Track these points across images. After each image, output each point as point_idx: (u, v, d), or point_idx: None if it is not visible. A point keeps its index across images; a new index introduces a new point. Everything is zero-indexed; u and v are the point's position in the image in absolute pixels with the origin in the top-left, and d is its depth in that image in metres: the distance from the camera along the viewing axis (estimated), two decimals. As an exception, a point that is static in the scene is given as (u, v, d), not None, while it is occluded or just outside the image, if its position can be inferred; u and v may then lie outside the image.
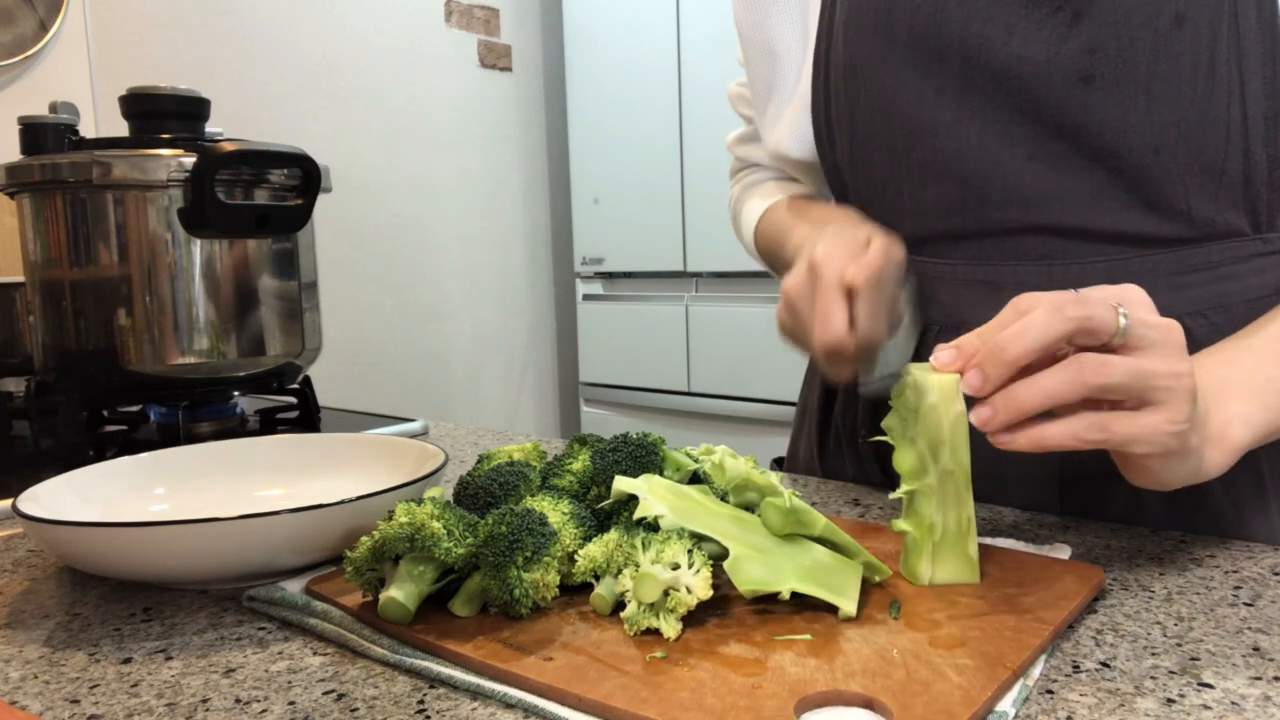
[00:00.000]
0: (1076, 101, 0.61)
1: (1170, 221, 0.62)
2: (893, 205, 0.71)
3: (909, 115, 0.67)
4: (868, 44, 0.68)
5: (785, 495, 0.49)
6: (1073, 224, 0.63)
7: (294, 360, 0.99)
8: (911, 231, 0.69)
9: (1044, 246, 0.64)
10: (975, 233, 0.67)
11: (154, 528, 0.49)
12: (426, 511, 0.47)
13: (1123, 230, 0.63)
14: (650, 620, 0.44)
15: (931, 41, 0.65)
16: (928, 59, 0.65)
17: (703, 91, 2.61)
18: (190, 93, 0.96)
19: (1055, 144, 0.63)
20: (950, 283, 0.68)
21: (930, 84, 0.65)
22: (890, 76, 0.67)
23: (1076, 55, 0.60)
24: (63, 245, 0.89)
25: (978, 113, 0.64)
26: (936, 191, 0.67)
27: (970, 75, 0.64)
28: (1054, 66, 0.61)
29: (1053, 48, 0.61)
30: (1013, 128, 0.63)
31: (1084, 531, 0.62)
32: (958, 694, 0.38)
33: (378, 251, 2.69)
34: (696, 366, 2.72)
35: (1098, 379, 0.45)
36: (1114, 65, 0.60)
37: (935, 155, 0.66)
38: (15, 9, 1.90)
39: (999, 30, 0.62)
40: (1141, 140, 0.61)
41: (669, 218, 2.73)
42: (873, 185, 0.72)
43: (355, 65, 2.59)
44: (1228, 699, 0.39)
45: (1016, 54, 0.62)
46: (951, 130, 0.65)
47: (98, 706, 0.42)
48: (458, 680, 0.42)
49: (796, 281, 0.62)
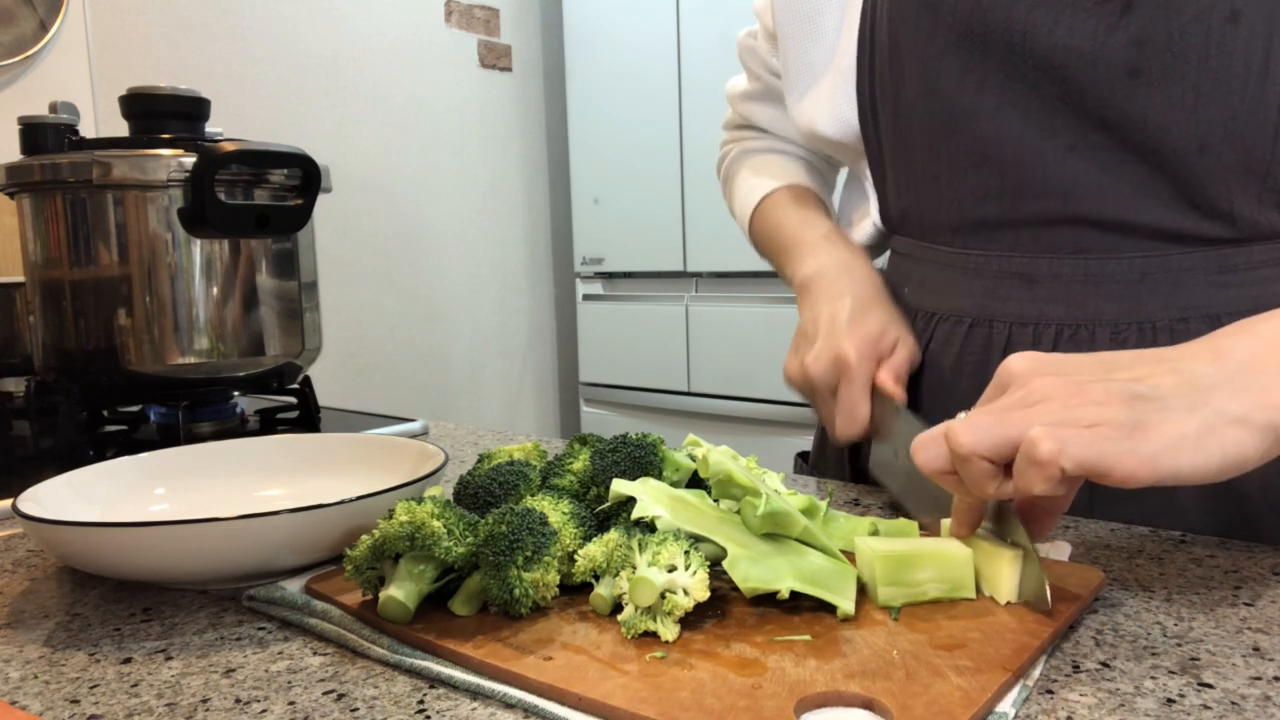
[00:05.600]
0: (1122, 95, 0.59)
1: (1211, 220, 0.60)
2: (930, 191, 0.70)
3: (950, 99, 0.66)
4: (911, 25, 0.67)
5: (764, 498, 0.49)
6: (1111, 218, 0.62)
7: (294, 360, 0.99)
8: (948, 219, 0.69)
9: (1081, 240, 0.63)
10: (1012, 222, 0.66)
11: (154, 528, 0.49)
12: (426, 510, 0.47)
13: (1162, 227, 0.61)
14: (647, 623, 0.44)
15: (975, 25, 0.63)
16: (971, 43, 0.64)
17: (703, 91, 2.61)
18: (190, 93, 0.96)
19: (1097, 136, 0.61)
20: (984, 275, 0.68)
21: (973, 69, 0.64)
22: (933, 60, 0.66)
23: (1124, 47, 0.59)
24: (63, 245, 0.89)
25: (1020, 100, 0.63)
26: (975, 179, 0.66)
27: (1014, 62, 0.62)
28: (1100, 58, 0.59)
29: (1100, 38, 0.59)
30: (1055, 118, 0.62)
31: (1084, 531, 0.62)
32: (958, 695, 0.38)
33: (378, 251, 2.69)
34: (696, 366, 2.72)
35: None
36: (1163, 59, 0.58)
37: (975, 142, 0.65)
38: (15, 9, 1.90)
39: (1045, 17, 0.60)
40: (1186, 138, 0.59)
41: (669, 218, 2.73)
42: (911, 170, 0.71)
43: (355, 65, 2.59)
44: (1228, 699, 0.39)
45: (1062, 43, 0.60)
46: (993, 117, 0.64)
47: (98, 706, 0.42)
48: (457, 680, 0.42)
49: (822, 369, 0.67)
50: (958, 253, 0.69)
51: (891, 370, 0.66)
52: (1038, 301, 0.65)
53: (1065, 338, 0.64)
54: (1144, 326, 0.62)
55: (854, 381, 0.66)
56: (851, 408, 0.66)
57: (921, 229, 0.73)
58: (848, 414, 0.66)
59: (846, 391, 0.66)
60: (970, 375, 0.69)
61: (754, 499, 0.49)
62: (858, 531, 0.55)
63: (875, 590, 0.47)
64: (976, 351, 0.68)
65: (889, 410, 0.65)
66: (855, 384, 0.66)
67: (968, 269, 0.69)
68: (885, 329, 0.68)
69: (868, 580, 0.48)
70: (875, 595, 0.47)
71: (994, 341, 0.67)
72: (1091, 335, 0.63)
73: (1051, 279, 0.64)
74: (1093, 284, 0.63)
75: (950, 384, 0.70)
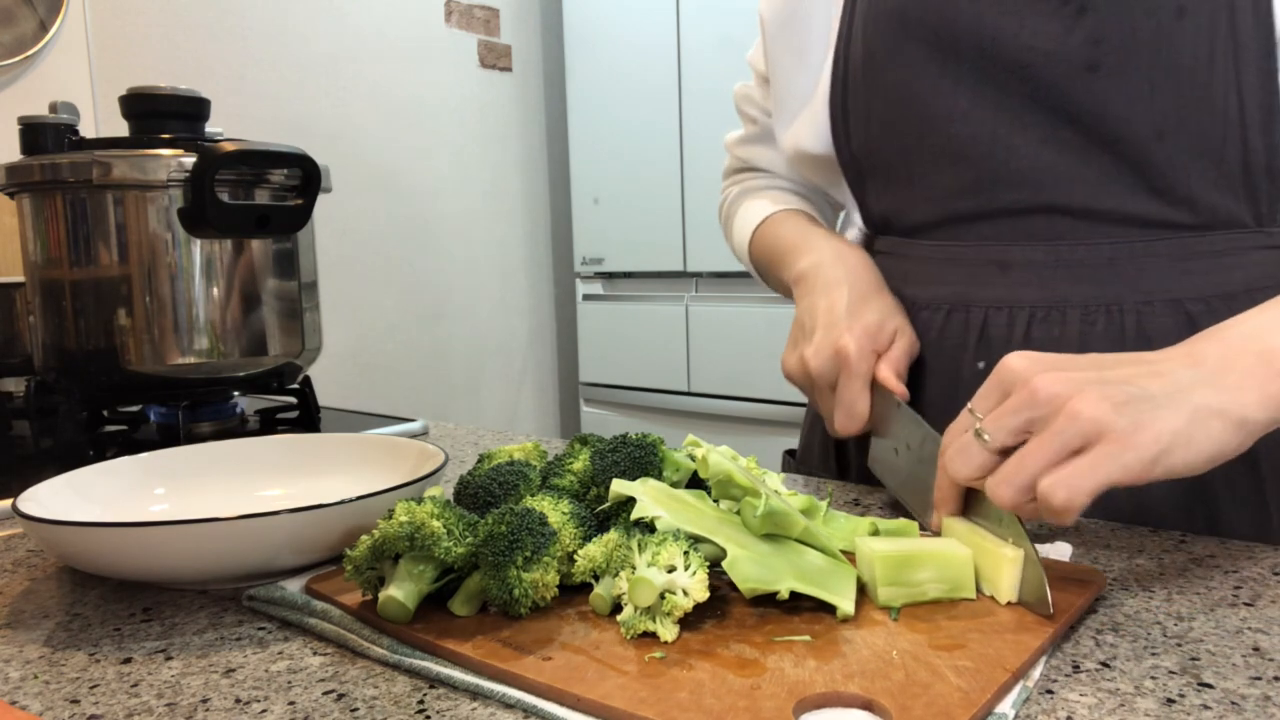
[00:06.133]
0: (1083, 89, 0.63)
1: (1173, 206, 0.64)
2: (908, 190, 0.73)
3: (926, 104, 0.69)
4: (887, 38, 0.71)
5: (763, 498, 0.49)
6: (1080, 206, 0.65)
7: (294, 360, 0.99)
8: (927, 215, 0.72)
9: (1053, 227, 0.66)
10: (988, 214, 0.69)
11: (154, 528, 0.49)
12: (426, 510, 0.47)
13: (1128, 213, 0.65)
14: (646, 624, 0.44)
15: (947, 35, 0.67)
16: (944, 51, 0.68)
17: (703, 92, 2.61)
18: (190, 93, 0.96)
19: (1064, 130, 0.65)
20: (962, 263, 0.71)
21: (946, 74, 0.68)
22: (908, 68, 0.70)
23: (1083, 45, 0.63)
24: (63, 245, 0.89)
25: (991, 101, 0.66)
26: (951, 176, 0.69)
27: (984, 65, 0.66)
28: (1061, 56, 0.63)
29: (1060, 38, 0.63)
30: (1024, 114, 0.66)
31: (1084, 531, 0.62)
32: (957, 695, 0.38)
33: (378, 251, 2.69)
34: (696, 366, 2.72)
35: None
36: (1118, 54, 0.62)
37: (950, 141, 0.69)
38: (15, 9, 1.90)
39: (1010, 22, 0.65)
40: (1145, 126, 0.63)
41: (669, 218, 2.73)
42: (889, 172, 0.74)
43: (355, 65, 2.59)
44: (1228, 699, 0.39)
45: (1027, 44, 0.64)
46: (966, 117, 0.67)
47: (98, 706, 0.42)
48: (457, 680, 0.42)
49: (822, 362, 0.68)
50: (937, 245, 0.72)
51: (891, 364, 0.67)
52: (1012, 286, 0.68)
53: (1038, 319, 0.67)
54: (1111, 309, 0.65)
55: (854, 376, 0.66)
56: (851, 403, 0.66)
57: (902, 227, 0.75)
58: (847, 409, 0.66)
59: (846, 386, 0.66)
60: (949, 357, 0.71)
61: (754, 499, 0.49)
62: (858, 531, 0.55)
63: (875, 590, 0.47)
64: (955, 335, 0.71)
65: (889, 405, 0.65)
66: (855, 379, 0.66)
67: (947, 259, 0.71)
68: (884, 319, 0.69)
69: (868, 580, 0.48)
70: (875, 595, 0.47)
71: (970, 325, 0.70)
72: (1063, 317, 0.66)
73: (1025, 265, 0.67)
74: (1064, 269, 0.66)
75: (929, 366, 0.72)
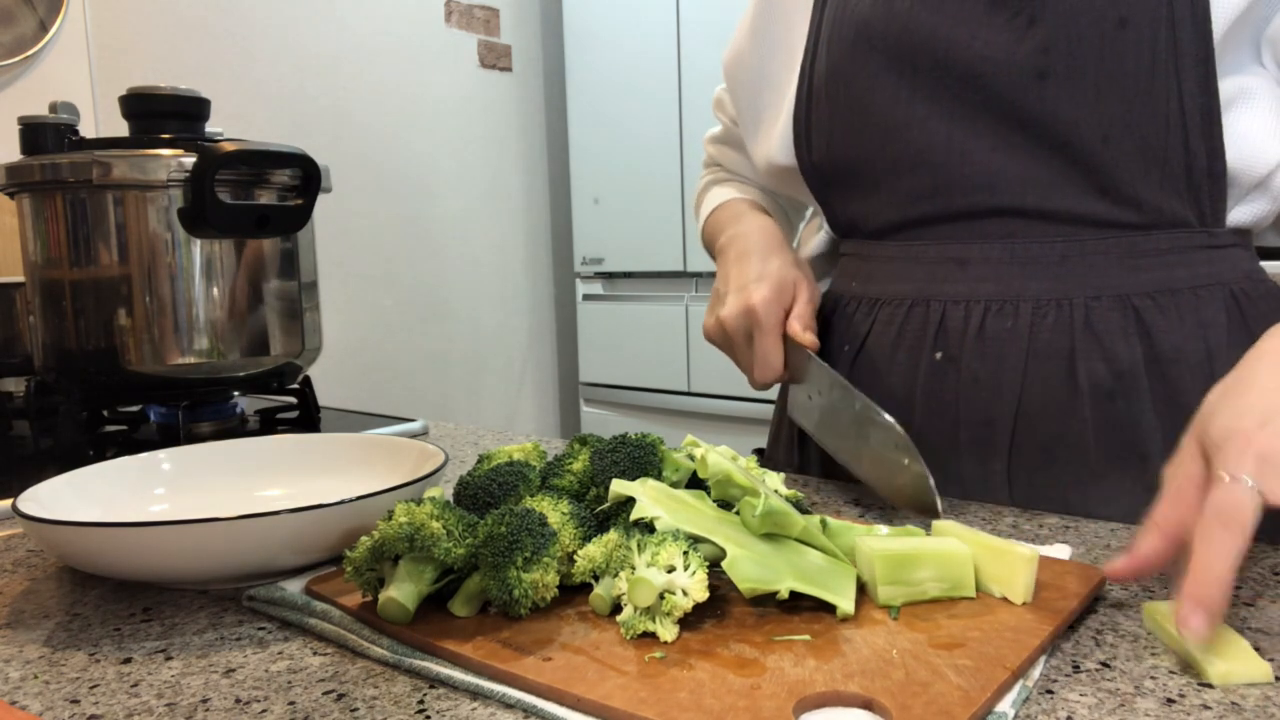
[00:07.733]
0: (1033, 96, 0.67)
1: (1121, 207, 0.67)
2: (870, 196, 0.77)
3: (885, 114, 0.73)
4: (848, 53, 0.75)
5: (762, 498, 0.49)
6: (1033, 207, 0.69)
7: (294, 360, 0.99)
8: (887, 219, 0.76)
9: (1007, 227, 0.70)
10: (946, 216, 0.72)
11: (154, 528, 0.49)
12: (426, 511, 0.47)
13: (1078, 213, 0.68)
14: (646, 624, 0.44)
15: (904, 48, 0.71)
16: (902, 62, 0.71)
17: (703, 91, 2.60)
18: (190, 93, 0.96)
19: (1016, 135, 0.68)
20: (922, 262, 0.74)
21: (904, 85, 0.71)
22: (868, 80, 0.73)
23: (1032, 54, 0.66)
24: (63, 245, 0.89)
25: (947, 109, 0.70)
26: (910, 181, 0.73)
27: (939, 76, 0.70)
28: (1012, 65, 0.67)
29: (1011, 48, 0.67)
30: (978, 121, 0.69)
31: (1084, 531, 0.62)
32: (957, 695, 0.38)
33: (378, 251, 2.69)
34: (696, 366, 2.72)
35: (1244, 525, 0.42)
36: (1065, 62, 0.65)
37: (909, 149, 0.72)
38: (15, 9, 1.90)
39: (964, 34, 0.68)
40: (1091, 130, 0.66)
41: (669, 218, 2.73)
42: (852, 179, 0.78)
43: (355, 65, 2.59)
44: (1228, 699, 0.39)
45: (980, 54, 0.68)
46: (924, 125, 0.71)
47: (98, 706, 0.42)
48: (457, 680, 0.42)
49: (735, 320, 0.74)
50: (900, 245, 0.76)
51: (799, 319, 0.73)
52: (970, 281, 0.71)
53: (992, 312, 0.70)
54: (1062, 303, 0.68)
55: (765, 331, 0.73)
56: (765, 355, 0.73)
57: (866, 231, 0.79)
58: (762, 361, 0.73)
59: (760, 341, 0.73)
60: (908, 350, 0.74)
61: (753, 499, 0.49)
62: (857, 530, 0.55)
63: (875, 589, 0.47)
64: (915, 328, 0.74)
65: (801, 356, 0.73)
66: (767, 333, 0.73)
67: (909, 259, 0.75)
68: (784, 275, 0.75)
69: (867, 580, 0.48)
70: (875, 595, 0.47)
71: (930, 318, 0.73)
72: (1015, 310, 0.69)
73: (982, 261, 0.71)
74: (1018, 265, 0.70)
75: (890, 358, 0.76)
